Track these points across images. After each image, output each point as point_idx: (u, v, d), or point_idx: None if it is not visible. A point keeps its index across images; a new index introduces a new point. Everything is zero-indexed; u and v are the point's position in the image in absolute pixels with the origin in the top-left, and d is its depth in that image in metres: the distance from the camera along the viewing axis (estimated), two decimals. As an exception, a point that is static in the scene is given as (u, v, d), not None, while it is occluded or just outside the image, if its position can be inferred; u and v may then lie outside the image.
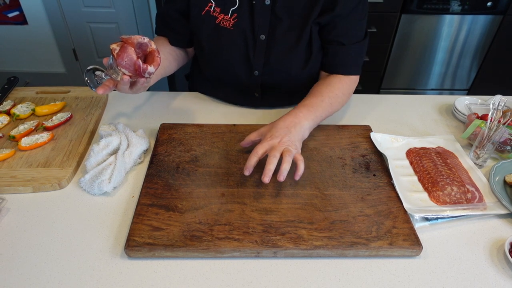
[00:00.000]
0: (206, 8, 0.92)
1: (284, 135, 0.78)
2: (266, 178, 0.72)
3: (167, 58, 0.98)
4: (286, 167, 0.72)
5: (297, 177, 0.75)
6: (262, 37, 0.93)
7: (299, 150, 0.80)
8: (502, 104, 0.86)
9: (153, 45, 0.75)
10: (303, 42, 0.93)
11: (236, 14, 0.91)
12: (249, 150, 0.82)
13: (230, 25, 0.92)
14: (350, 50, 0.94)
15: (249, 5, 0.90)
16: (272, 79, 1.00)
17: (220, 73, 1.02)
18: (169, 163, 0.83)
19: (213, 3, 0.91)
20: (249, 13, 0.91)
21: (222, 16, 0.92)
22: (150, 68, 0.73)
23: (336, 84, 0.93)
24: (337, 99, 0.92)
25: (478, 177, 0.84)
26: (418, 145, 0.92)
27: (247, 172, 0.75)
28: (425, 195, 0.79)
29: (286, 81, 1.00)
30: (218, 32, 0.94)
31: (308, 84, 1.02)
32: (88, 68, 0.78)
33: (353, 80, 0.97)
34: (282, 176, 0.72)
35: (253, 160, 0.75)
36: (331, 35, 0.93)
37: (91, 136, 0.93)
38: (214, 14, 0.92)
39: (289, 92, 1.05)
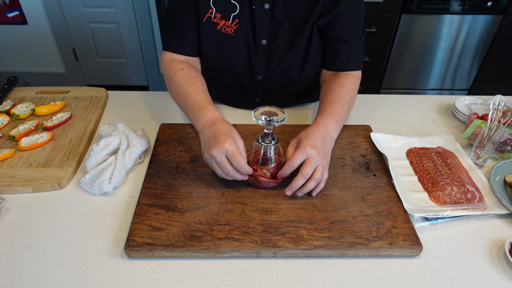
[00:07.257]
0: (207, 15, 0.90)
1: (321, 147, 0.76)
2: (289, 192, 0.74)
3: (203, 81, 0.93)
4: (310, 187, 0.73)
5: (314, 193, 0.76)
6: (263, 42, 0.92)
7: (328, 164, 0.79)
8: (502, 104, 0.86)
9: None
10: (302, 44, 0.92)
11: (237, 20, 0.90)
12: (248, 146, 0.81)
13: (232, 31, 0.91)
14: (352, 46, 0.94)
15: (249, 10, 0.90)
16: (274, 83, 1.00)
17: (222, 79, 1.01)
18: (169, 163, 0.83)
19: (214, 9, 0.90)
20: (250, 18, 0.90)
21: (223, 22, 0.91)
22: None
23: (348, 84, 0.92)
24: (352, 102, 0.93)
25: (478, 177, 0.84)
26: (418, 145, 0.92)
27: (280, 179, 0.76)
28: (425, 195, 0.79)
29: (287, 84, 1.00)
30: (220, 38, 0.93)
31: (306, 88, 1.01)
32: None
33: (358, 77, 0.97)
34: (302, 193, 0.74)
35: (288, 171, 0.74)
36: (333, 34, 0.92)
37: (91, 136, 0.93)
38: (215, 21, 0.91)
39: (289, 96, 1.05)
